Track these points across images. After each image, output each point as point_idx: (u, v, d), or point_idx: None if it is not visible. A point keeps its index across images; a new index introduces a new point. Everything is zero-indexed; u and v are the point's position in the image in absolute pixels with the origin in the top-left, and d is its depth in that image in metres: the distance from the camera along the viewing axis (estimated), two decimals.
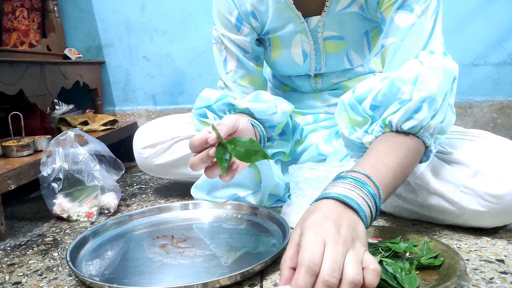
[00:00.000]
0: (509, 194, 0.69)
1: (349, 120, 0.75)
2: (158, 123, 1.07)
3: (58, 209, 0.96)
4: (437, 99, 0.66)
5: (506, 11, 1.51)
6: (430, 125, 0.66)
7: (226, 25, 0.94)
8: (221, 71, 0.98)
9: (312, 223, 0.49)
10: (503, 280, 0.61)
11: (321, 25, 0.90)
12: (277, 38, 0.95)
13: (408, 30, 0.74)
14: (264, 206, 0.91)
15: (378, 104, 0.71)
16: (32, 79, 1.22)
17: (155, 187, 1.22)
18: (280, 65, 1.00)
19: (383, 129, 0.69)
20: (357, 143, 0.73)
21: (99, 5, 1.73)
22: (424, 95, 0.65)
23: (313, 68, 0.97)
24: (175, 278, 0.64)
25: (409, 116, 0.66)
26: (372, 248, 0.64)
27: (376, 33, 0.92)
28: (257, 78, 0.98)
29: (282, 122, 0.94)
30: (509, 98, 1.57)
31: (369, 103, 0.71)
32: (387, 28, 0.77)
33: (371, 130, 0.71)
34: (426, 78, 0.66)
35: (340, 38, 0.91)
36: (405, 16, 0.74)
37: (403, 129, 0.66)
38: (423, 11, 0.73)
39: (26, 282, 0.68)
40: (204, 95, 0.94)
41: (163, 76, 1.75)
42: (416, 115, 0.65)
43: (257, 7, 0.91)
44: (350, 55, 0.94)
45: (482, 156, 0.73)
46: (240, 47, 0.95)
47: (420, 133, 0.67)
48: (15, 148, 1.04)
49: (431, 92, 0.65)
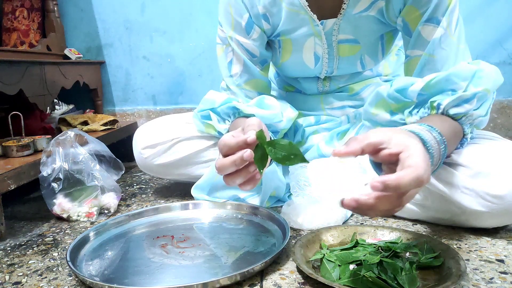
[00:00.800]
0: (510, 195, 0.69)
1: (389, 106, 0.78)
2: (158, 123, 1.06)
3: (58, 209, 0.96)
4: (488, 95, 0.71)
5: (506, 11, 1.51)
6: (473, 114, 0.71)
7: (236, 28, 0.91)
8: (224, 73, 0.96)
9: (421, 152, 0.51)
10: (503, 280, 0.61)
11: (336, 28, 0.88)
12: (288, 40, 0.92)
13: (437, 44, 0.76)
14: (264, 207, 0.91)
15: (424, 92, 0.73)
16: (32, 79, 1.22)
17: (155, 187, 1.22)
18: (290, 67, 0.99)
19: (429, 110, 0.71)
20: (398, 124, 0.75)
21: (99, 5, 1.73)
22: (479, 89, 0.70)
23: (324, 71, 0.96)
24: (175, 278, 0.64)
25: (459, 103, 0.70)
26: (372, 248, 0.64)
27: (390, 37, 0.91)
28: (261, 82, 0.96)
29: (285, 128, 0.94)
30: (509, 98, 1.57)
31: (416, 91, 0.73)
32: (414, 40, 0.79)
33: (416, 111, 0.73)
34: (483, 75, 0.70)
35: (355, 42, 0.90)
36: (433, 29, 0.77)
37: (449, 113, 0.70)
38: (449, 23, 0.76)
39: (26, 282, 0.68)
40: (208, 98, 0.94)
41: (163, 76, 1.75)
42: (466, 104, 0.70)
43: (269, 9, 0.89)
44: (363, 59, 0.93)
45: (482, 156, 0.73)
46: (248, 50, 0.93)
47: (463, 120, 0.71)
48: (15, 148, 1.04)
49: (486, 88, 0.70)
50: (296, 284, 0.62)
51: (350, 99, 1.01)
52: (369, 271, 0.56)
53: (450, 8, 0.76)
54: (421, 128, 0.60)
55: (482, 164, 0.72)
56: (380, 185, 0.47)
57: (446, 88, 0.71)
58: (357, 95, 1.01)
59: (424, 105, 0.73)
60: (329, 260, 0.62)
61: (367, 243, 0.67)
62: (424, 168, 0.49)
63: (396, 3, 0.81)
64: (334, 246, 0.69)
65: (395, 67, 1.06)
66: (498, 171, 0.70)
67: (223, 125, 0.93)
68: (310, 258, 0.65)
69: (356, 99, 1.01)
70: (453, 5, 0.76)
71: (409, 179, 0.47)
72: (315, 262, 0.65)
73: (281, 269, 0.66)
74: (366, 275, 0.56)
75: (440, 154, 0.61)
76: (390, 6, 0.82)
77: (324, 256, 0.63)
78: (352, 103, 1.01)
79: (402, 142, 0.52)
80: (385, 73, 1.04)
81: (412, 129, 0.59)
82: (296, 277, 0.64)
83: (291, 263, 0.68)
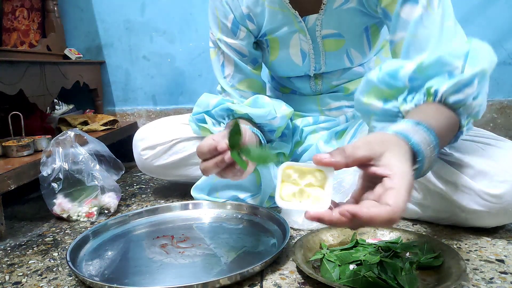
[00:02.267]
0: (508, 194, 0.69)
1: (381, 93, 0.71)
2: (157, 124, 1.06)
3: (58, 209, 0.96)
4: (486, 75, 0.65)
5: (506, 11, 1.51)
6: (472, 104, 0.64)
7: (223, 30, 0.93)
8: (218, 75, 0.97)
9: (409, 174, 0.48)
10: (503, 280, 0.61)
11: (319, 23, 0.88)
12: (274, 39, 0.94)
13: (418, 23, 0.72)
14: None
15: (417, 76, 0.66)
16: (32, 79, 1.22)
17: (155, 187, 1.22)
18: (279, 66, 0.99)
19: (425, 97, 0.65)
20: (391, 113, 0.70)
21: (99, 5, 1.73)
22: (477, 70, 0.63)
23: (313, 68, 0.96)
24: (175, 278, 0.64)
25: (459, 88, 0.63)
26: (372, 248, 0.64)
27: (375, 29, 0.91)
28: (255, 81, 0.97)
29: (281, 126, 0.94)
30: (509, 98, 1.57)
31: (407, 74, 0.66)
32: (394, 23, 0.76)
33: (411, 98, 0.67)
34: (477, 53, 0.65)
35: (339, 36, 0.90)
36: (411, 9, 0.73)
37: (448, 102, 0.63)
38: (429, 0, 0.72)
39: (26, 282, 0.68)
40: (202, 100, 0.95)
41: (163, 76, 1.75)
42: (466, 89, 0.63)
43: (253, 9, 0.90)
44: (350, 53, 0.93)
45: (482, 156, 0.73)
46: (237, 51, 0.94)
47: (461, 110, 0.64)
48: (15, 148, 1.04)
49: (483, 68, 0.64)
50: (296, 284, 0.62)
51: (346, 99, 1.01)
52: (369, 271, 0.56)
53: None
54: (417, 131, 0.55)
55: (482, 164, 0.72)
56: (349, 216, 0.46)
57: (441, 70, 0.65)
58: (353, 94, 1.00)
59: (419, 90, 0.66)
60: (329, 260, 0.62)
61: (367, 243, 0.67)
62: (401, 208, 0.46)
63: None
64: (334, 246, 0.69)
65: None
66: (497, 170, 0.70)
67: (218, 127, 0.94)
68: (310, 258, 0.65)
69: (352, 99, 1.00)
70: None
71: (381, 220, 0.45)
72: (315, 262, 0.65)
73: (281, 269, 0.66)
74: (366, 275, 0.56)
75: (431, 161, 0.56)
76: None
77: (324, 256, 0.63)
78: (348, 103, 1.01)
79: (392, 166, 0.48)
80: None
81: (407, 133, 0.54)
82: (296, 277, 0.64)
83: (291, 263, 0.68)
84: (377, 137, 0.52)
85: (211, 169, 0.65)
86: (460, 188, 0.73)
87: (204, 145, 0.64)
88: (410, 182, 0.47)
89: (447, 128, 0.62)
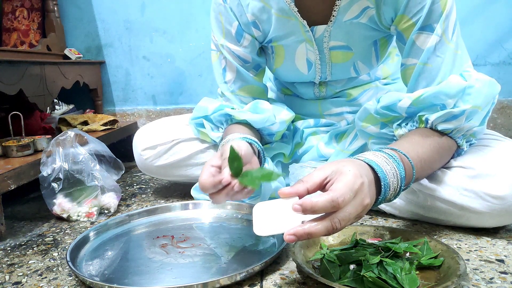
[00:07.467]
0: (510, 195, 0.69)
1: (378, 120, 0.79)
2: (158, 124, 1.06)
3: (58, 209, 0.96)
4: (479, 112, 0.71)
5: (506, 11, 1.51)
6: (464, 127, 0.71)
7: (226, 35, 0.91)
8: (219, 80, 0.96)
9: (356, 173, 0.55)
10: (503, 280, 0.61)
11: (327, 35, 0.86)
12: (280, 46, 0.91)
13: (431, 52, 0.74)
14: None
15: (413, 107, 0.73)
16: (32, 79, 1.22)
17: (155, 187, 1.22)
18: (284, 73, 0.98)
19: (418, 124, 0.73)
20: (387, 136, 0.78)
21: (99, 5, 1.73)
22: (468, 107, 0.70)
23: (318, 77, 0.95)
24: (175, 278, 0.64)
25: (448, 119, 0.71)
26: (372, 248, 0.64)
27: (384, 42, 0.89)
28: (256, 87, 0.96)
29: (280, 130, 0.94)
30: (509, 98, 1.57)
31: (404, 108, 0.74)
32: (408, 49, 0.77)
33: (405, 124, 0.75)
34: (473, 91, 0.70)
35: (347, 48, 0.88)
36: (426, 38, 0.74)
37: (437, 129, 0.72)
38: (444, 29, 0.73)
39: (26, 282, 0.68)
40: (201, 105, 0.95)
41: (163, 76, 1.75)
42: (454, 120, 0.71)
43: (259, 17, 0.88)
44: (357, 65, 0.91)
45: (482, 157, 0.73)
46: (239, 57, 0.92)
47: (453, 134, 0.72)
48: (15, 148, 1.04)
49: (475, 105, 0.70)
50: (296, 284, 0.62)
51: (348, 105, 1.00)
52: (369, 271, 0.56)
53: (445, 14, 0.72)
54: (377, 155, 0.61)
55: (482, 165, 0.72)
56: (299, 207, 0.52)
57: (435, 103, 0.72)
58: (355, 100, 1.00)
59: (413, 118, 0.75)
60: (329, 260, 0.62)
61: (367, 243, 0.67)
62: (342, 192, 0.52)
63: (386, 12, 0.79)
64: (334, 246, 0.69)
65: (395, 68, 1.04)
66: (498, 171, 0.70)
67: (216, 133, 0.94)
68: (310, 258, 0.65)
69: (354, 105, 1.00)
70: (448, 10, 0.72)
71: (323, 202, 0.51)
72: (315, 262, 0.65)
73: (281, 269, 0.66)
74: (366, 275, 0.56)
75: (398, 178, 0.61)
76: (381, 14, 0.80)
77: (324, 256, 0.63)
78: (350, 109, 1.00)
79: (339, 171, 0.55)
80: (384, 76, 1.03)
81: (366, 157, 0.61)
82: (296, 277, 0.64)
83: (291, 263, 0.68)
84: (333, 162, 0.58)
85: (223, 200, 0.68)
86: (460, 191, 0.73)
87: (206, 182, 0.65)
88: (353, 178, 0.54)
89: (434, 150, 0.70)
